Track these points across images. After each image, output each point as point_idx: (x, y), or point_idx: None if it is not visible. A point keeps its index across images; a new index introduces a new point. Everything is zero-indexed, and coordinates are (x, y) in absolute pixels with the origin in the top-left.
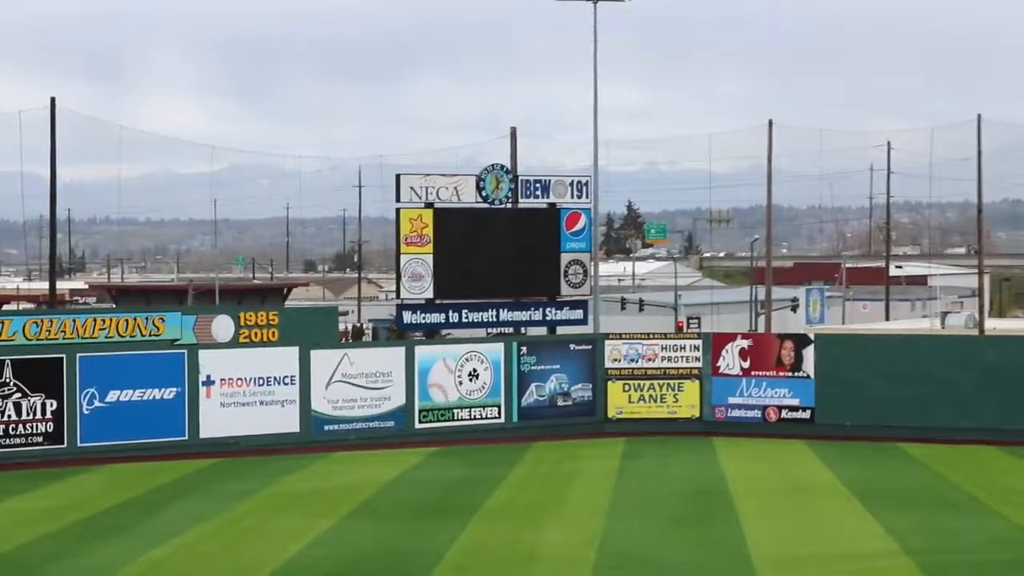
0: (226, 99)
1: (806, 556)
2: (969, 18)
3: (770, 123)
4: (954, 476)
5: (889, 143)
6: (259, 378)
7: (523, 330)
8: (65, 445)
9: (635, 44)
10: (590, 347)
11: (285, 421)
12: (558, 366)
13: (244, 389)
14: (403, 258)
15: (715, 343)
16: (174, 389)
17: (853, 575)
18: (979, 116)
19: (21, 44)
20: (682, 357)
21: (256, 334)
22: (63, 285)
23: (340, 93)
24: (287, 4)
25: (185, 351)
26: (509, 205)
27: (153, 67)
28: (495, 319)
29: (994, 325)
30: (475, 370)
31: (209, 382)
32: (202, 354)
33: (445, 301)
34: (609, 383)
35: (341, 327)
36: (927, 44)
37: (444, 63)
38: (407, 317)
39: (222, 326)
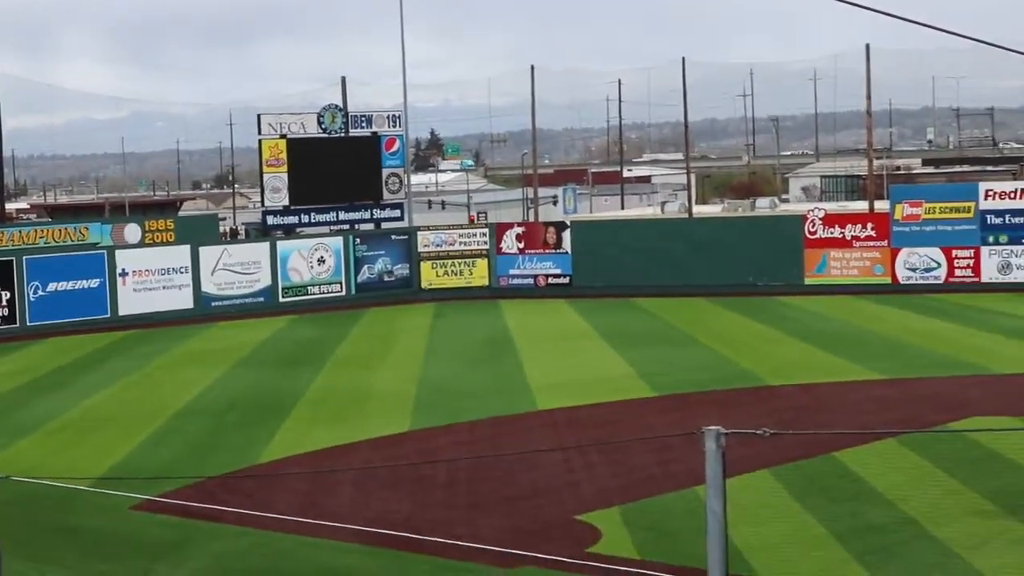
0: (128, 62)
1: (569, 382)
2: None
3: (532, 68)
4: (675, 321)
5: (620, 80)
6: (161, 269)
7: (356, 226)
8: (18, 325)
9: (433, 5)
10: (406, 237)
11: (182, 300)
12: (383, 252)
13: (150, 278)
14: (265, 176)
15: (498, 231)
16: (98, 280)
17: (604, 393)
18: (683, 59)
19: None
20: (474, 242)
21: (158, 236)
22: (10, 206)
23: (212, 55)
24: None
25: (105, 252)
26: (343, 135)
27: (70, 38)
28: (335, 219)
29: (699, 210)
30: (322, 257)
31: (124, 273)
32: (118, 253)
33: (298, 207)
34: (422, 263)
35: (221, 229)
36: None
37: (290, 29)
38: (270, 220)
39: (132, 232)
